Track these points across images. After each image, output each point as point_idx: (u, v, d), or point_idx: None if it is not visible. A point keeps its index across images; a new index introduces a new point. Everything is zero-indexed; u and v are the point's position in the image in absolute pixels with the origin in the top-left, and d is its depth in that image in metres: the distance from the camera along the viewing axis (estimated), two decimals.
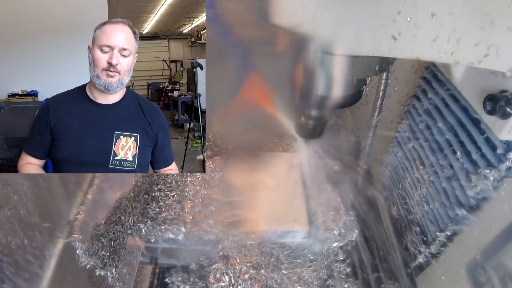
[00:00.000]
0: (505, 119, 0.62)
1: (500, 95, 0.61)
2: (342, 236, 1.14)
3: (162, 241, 1.15)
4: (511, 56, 0.53)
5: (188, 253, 1.15)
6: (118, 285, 1.08)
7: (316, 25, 0.54)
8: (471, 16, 0.50)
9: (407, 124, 1.08)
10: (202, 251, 1.14)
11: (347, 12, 0.50)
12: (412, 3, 0.49)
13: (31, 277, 1.13)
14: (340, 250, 1.14)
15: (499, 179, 0.73)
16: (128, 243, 1.13)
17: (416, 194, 1.03)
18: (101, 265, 1.07)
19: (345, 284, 1.08)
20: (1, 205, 1.10)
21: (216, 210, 1.16)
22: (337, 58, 0.60)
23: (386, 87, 1.01)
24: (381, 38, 0.52)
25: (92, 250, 1.07)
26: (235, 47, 0.82)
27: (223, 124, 1.27)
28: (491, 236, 0.78)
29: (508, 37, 0.51)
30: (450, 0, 0.49)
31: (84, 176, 1.46)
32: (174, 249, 1.16)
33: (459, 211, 0.83)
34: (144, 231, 1.14)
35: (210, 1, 0.77)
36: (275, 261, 1.09)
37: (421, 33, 0.51)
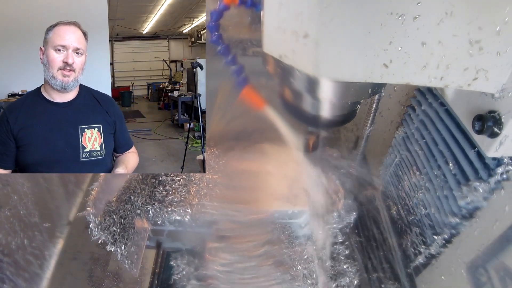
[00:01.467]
0: (493, 138, 0.64)
1: (488, 116, 0.64)
2: (341, 218, 1.18)
3: (169, 223, 1.18)
4: (500, 78, 0.55)
5: (193, 235, 1.19)
6: (127, 263, 1.12)
7: (306, 55, 0.57)
8: (460, 44, 0.52)
9: (404, 131, 1.09)
10: (207, 233, 1.18)
11: (342, 42, 0.53)
12: (403, 33, 0.51)
13: (31, 277, 1.13)
14: (339, 232, 1.17)
15: (489, 191, 0.77)
16: (136, 224, 1.15)
17: (415, 198, 1.04)
18: (112, 241, 1.10)
19: (344, 265, 1.12)
20: (1, 205, 1.10)
21: (221, 193, 1.19)
22: (331, 84, 0.63)
23: (380, 99, 1.05)
24: (373, 66, 0.54)
25: (104, 225, 1.11)
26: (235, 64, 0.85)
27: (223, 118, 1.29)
28: (492, 236, 0.79)
29: (497, 62, 0.53)
30: (440, 30, 0.51)
31: (84, 176, 1.46)
32: (180, 231, 1.20)
33: (452, 219, 0.86)
34: (151, 213, 1.16)
35: (212, 27, 0.80)
36: (277, 240, 1.13)
37: (411, 60, 0.54)
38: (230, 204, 1.18)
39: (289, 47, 0.58)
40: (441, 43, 0.52)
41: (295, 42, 0.56)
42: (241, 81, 0.86)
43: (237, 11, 1.15)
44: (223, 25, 0.80)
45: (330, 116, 0.76)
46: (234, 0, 0.75)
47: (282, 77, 0.67)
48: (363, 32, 0.52)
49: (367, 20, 0.51)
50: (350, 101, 0.73)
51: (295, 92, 0.73)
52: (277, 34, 0.59)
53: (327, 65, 0.55)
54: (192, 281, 1.12)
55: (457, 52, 0.53)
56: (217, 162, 1.28)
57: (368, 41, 0.52)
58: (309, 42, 0.54)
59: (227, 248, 1.13)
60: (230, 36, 1.36)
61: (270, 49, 0.62)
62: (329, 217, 1.17)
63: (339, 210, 1.18)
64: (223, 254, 1.12)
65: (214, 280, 1.10)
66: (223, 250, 1.13)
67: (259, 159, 1.23)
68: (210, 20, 0.78)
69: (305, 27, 0.54)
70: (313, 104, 0.73)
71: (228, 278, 1.10)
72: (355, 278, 1.12)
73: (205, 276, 1.12)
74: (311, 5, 0.52)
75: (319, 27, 0.52)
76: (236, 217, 1.16)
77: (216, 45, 0.81)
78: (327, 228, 1.17)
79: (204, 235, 1.19)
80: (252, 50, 1.43)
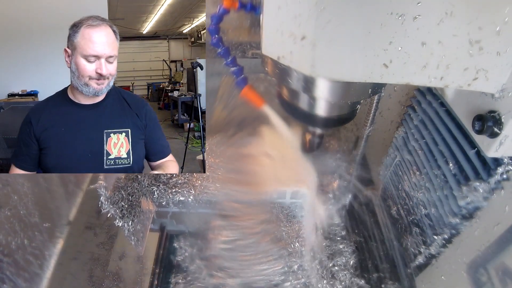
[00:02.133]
0: (493, 138, 0.64)
1: (488, 116, 0.64)
2: (337, 199, 1.21)
3: (173, 204, 1.21)
4: (500, 78, 0.55)
5: (196, 216, 1.23)
6: (133, 239, 1.15)
7: (303, 56, 0.57)
8: (460, 44, 0.52)
9: (404, 131, 1.09)
10: (210, 214, 1.22)
11: (340, 43, 0.53)
12: (403, 33, 0.52)
13: (31, 277, 1.13)
14: (336, 214, 1.19)
15: (489, 191, 0.77)
16: (142, 204, 1.19)
17: (415, 197, 1.05)
18: (120, 215, 1.12)
19: (340, 245, 1.15)
20: (1, 205, 1.10)
21: (222, 176, 1.23)
22: (331, 84, 0.63)
23: (379, 99, 1.05)
24: (373, 66, 0.54)
25: (114, 199, 1.13)
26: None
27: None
28: (492, 236, 0.79)
29: (497, 62, 0.53)
30: (440, 30, 0.51)
31: (84, 176, 1.46)
32: (183, 213, 1.24)
33: (452, 219, 0.86)
34: (156, 194, 1.20)
35: (213, 30, 0.80)
36: (275, 218, 1.19)
37: (411, 60, 0.54)
38: (231, 185, 1.22)
39: (287, 49, 0.58)
40: (441, 43, 0.52)
41: (292, 44, 0.56)
42: (241, 81, 0.87)
43: (237, 14, 1.16)
44: (223, 28, 0.80)
45: (329, 116, 0.77)
46: (234, 4, 0.76)
47: (281, 78, 0.67)
48: (363, 32, 0.52)
49: (366, 20, 0.51)
50: (350, 101, 0.74)
51: (294, 92, 0.73)
52: (275, 36, 0.59)
53: (324, 65, 0.56)
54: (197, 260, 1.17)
55: (457, 52, 0.53)
56: (218, 147, 1.31)
57: (368, 41, 0.52)
58: (306, 43, 0.55)
59: (229, 226, 1.18)
60: (230, 38, 1.38)
61: (269, 51, 0.63)
62: (324, 197, 1.20)
63: (334, 191, 1.22)
64: (225, 232, 1.17)
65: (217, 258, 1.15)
66: (225, 228, 1.18)
67: (258, 143, 1.26)
68: (211, 23, 0.79)
69: (302, 29, 0.54)
70: (312, 104, 0.73)
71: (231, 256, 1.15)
72: (351, 259, 1.15)
73: (209, 255, 1.17)
74: (308, 8, 0.52)
75: (316, 29, 0.52)
76: (237, 197, 1.20)
77: (216, 47, 0.82)
78: (323, 208, 1.21)
79: (207, 215, 1.23)
80: (252, 52, 1.45)
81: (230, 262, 1.13)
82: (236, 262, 1.12)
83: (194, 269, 1.15)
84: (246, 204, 1.20)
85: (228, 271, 1.12)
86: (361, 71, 0.56)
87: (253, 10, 0.78)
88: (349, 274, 1.11)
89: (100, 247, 1.33)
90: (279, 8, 0.57)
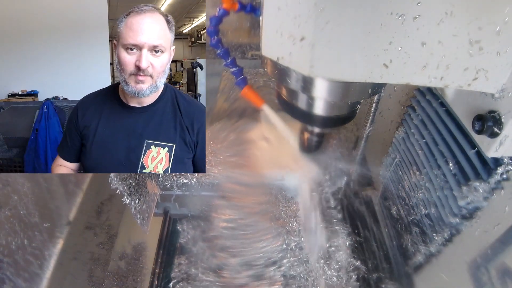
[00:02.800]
0: (493, 138, 0.64)
1: (488, 116, 0.64)
2: (332, 182, 1.23)
3: (176, 187, 1.24)
4: (500, 79, 0.55)
5: (199, 199, 1.27)
6: (138, 217, 1.16)
7: (302, 56, 0.57)
8: (460, 44, 0.52)
9: (404, 131, 1.10)
10: (212, 196, 1.27)
11: (339, 44, 0.54)
12: (403, 33, 0.52)
13: (31, 277, 1.14)
14: (332, 198, 1.22)
15: (489, 191, 0.77)
16: (148, 186, 1.22)
17: (415, 197, 1.05)
18: (128, 192, 1.13)
19: (337, 227, 1.19)
20: (1, 205, 1.10)
21: (223, 159, 1.27)
22: (330, 84, 0.64)
23: (379, 99, 1.05)
24: (373, 66, 0.55)
25: (122, 176, 1.12)
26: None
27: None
28: (492, 236, 0.79)
29: (497, 62, 0.53)
30: (440, 30, 0.51)
31: (84, 176, 1.46)
32: (186, 196, 1.28)
33: (452, 219, 0.86)
34: (161, 177, 1.22)
35: (212, 32, 0.81)
36: (274, 199, 1.24)
37: (411, 60, 0.54)
38: (232, 168, 1.27)
39: (287, 50, 0.58)
40: (441, 43, 0.52)
41: (292, 45, 0.57)
42: (240, 81, 0.87)
43: (237, 16, 1.17)
44: (222, 30, 0.81)
45: (329, 115, 0.77)
46: (233, 5, 0.76)
47: (280, 79, 0.68)
48: (362, 33, 0.52)
49: (366, 20, 0.51)
50: (350, 101, 0.74)
51: (293, 92, 0.73)
52: (275, 37, 0.59)
53: (322, 65, 0.56)
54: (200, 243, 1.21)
55: (457, 52, 0.53)
56: (220, 134, 1.34)
57: (368, 41, 0.53)
58: (305, 44, 0.55)
59: (231, 206, 1.23)
60: (229, 40, 1.40)
61: (268, 52, 0.63)
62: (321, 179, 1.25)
63: (331, 173, 1.26)
64: (227, 211, 1.23)
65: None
66: (227, 208, 1.23)
67: (258, 128, 1.31)
68: (210, 25, 0.79)
69: (301, 30, 0.54)
70: (312, 104, 0.74)
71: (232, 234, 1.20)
72: (347, 240, 1.19)
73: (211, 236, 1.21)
74: (308, 9, 0.52)
75: (315, 29, 0.53)
76: (238, 179, 1.26)
77: (215, 48, 0.82)
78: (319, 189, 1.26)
79: (209, 197, 1.28)
80: (251, 53, 1.46)
81: (231, 241, 1.19)
82: (237, 241, 1.19)
83: (197, 250, 1.20)
84: (246, 186, 1.26)
85: (229, 251, 1.17)
86: (361, 71, 0.56)
87: (252, 11, 0.79)
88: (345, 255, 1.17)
89: (100, 247, 1.33)
90: (279, 9, 0.57)
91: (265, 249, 1.17)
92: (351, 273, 1.13)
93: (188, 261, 1.17)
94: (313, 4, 0.51)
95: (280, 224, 1.20)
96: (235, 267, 1.14)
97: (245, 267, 1.14)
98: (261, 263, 1.14)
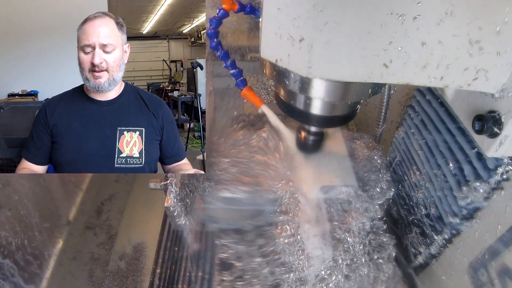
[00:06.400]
0: (493, 138, 0.64)
1: (488, 116, 0.63)
2: (383, 194, 1.19)
3: (217, 200, 1.18)
4: (499, 79, 0.56)
5: (245, 213, 1.20)
6: (191, 237, 1.13)
7: (300, 57, 0.57)
8: (460, 44, 0.52)
9: (404, 131, 1.09)
10: (258, 211, 1.19)
11: (338, 44, 0.54)
12: (403, 33, 0.52)
13: (31, 277, 1.13)
14: (379, 208, 1.19)
15: (489, 191, 0.77)
16: (196, 202, 1.16)
17: (415, 197, 1.05)
18: (185, 212, 1.09)
19: (384, 238, 1.12)
20: (1, 205, 1.10)
21: (273, 173, 1.20)
22: (332, 84, 0.64)
23: (389, 98, 1.05)
24: (373, 66, 0.55)
25: (181, 196, 1.09)
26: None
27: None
28: (492, 236, 0.79)
29: (497, 62, 0.54)
30: (440, 30, 0.51)
31: (83, 176, 1.46)
32: (231, 210, 1.20)
33: (452, 219, 0.86)
34: (207, 191, 1.17)
35: (211, 34, 0.81)
36: (326, 213, 1.15)
37: (411, 60, 0.54)
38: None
39: (285, 52, 0.58)
40: (441, 43, 0.52)
41: (290, 46, 0.57)
42: (240, 83, 0.88)
43: (236, 19, 1.17)
44: (222, 32, 0.81)
45: (329, 115, 0.77)
46: (233, 6, 0.76)
47: (279, 80, 0.68)
48: (362, 33, 0.52)
49: (366, 20, 0.51)
50: (350, 101, 0.74)
51: (292, 93, 0.73)
52: (274, 39, 0.59)
53: (320, 66, 0.56)
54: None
55: (457, 52, 0.53)
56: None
57: (368, 41, 0.53)
58: (304, 45, 0.55)
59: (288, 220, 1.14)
60: (228, 42, 1.39)
61: (267, 54, 0.63)
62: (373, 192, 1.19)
63: (381, 185, 1.19)
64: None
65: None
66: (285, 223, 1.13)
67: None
68: (210, 27, 0.79)
69: (300, 31, 0.54)
70: (312, 104, 0.74)
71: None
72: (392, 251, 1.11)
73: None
74: (307, 10, 0.52)
75: (313, 30, 0.53)
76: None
77: (215, 50, 0.82)
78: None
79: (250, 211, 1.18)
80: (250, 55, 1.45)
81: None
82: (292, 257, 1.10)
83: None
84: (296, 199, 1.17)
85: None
86: (361, 71, 0.56)
87: (252, 12, 0.79)
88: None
89: (100, 247, 1.33)
90: (278, 10, 0.57)
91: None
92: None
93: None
94: (312, 5, 0.51)
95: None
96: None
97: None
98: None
